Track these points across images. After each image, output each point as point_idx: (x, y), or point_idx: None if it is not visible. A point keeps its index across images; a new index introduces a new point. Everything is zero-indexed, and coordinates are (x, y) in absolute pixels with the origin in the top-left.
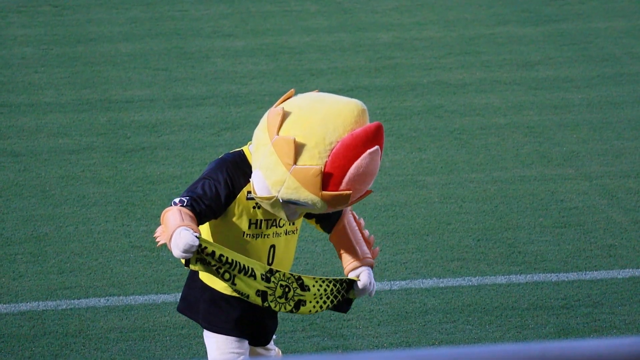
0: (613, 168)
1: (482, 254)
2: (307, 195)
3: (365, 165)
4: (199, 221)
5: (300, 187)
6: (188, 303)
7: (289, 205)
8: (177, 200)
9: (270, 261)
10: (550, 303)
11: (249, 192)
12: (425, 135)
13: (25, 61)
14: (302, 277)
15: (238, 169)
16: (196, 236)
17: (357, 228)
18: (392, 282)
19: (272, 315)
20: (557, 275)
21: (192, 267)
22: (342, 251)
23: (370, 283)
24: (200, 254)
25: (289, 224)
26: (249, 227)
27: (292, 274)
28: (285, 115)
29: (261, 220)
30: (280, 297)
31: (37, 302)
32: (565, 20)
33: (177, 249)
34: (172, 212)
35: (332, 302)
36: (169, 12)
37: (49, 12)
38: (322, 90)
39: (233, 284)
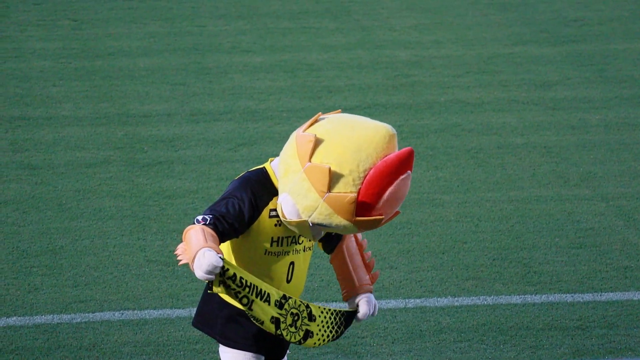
0: (630, 189)
1: (498, 273)
2: (340, 221)
3: (397, 191)
4: (221, 240)
5: (334, 213)
6: (204, 318)
7: (317, 226)
8: (200, 218)
9: (289, 278)
10: (565, 324)
11: (272, 210)
12: (442, 154)
13: (43, 74)
14: (311, 306)
15: (262, 188)
16: (220, 257)
17: (357, 251)
18: (407, 300)
19: None
20: (572, 296)
21: (215, 289)
22: (340, 277)
23: (369, 310)
24: (222, 277)
25: (307, 241)
26: (271, 245)
27: (302, 302)
28: (317, 143)
29: (282, 238)
30: (290, 326)
31: (52, 315)
32: (584, 41)
33: (200, 270)
34: (194, 230)
35: (335, 334)
36: (188, 27)
37: (67, 26)
38: (341, 108)
39: (250, 309)
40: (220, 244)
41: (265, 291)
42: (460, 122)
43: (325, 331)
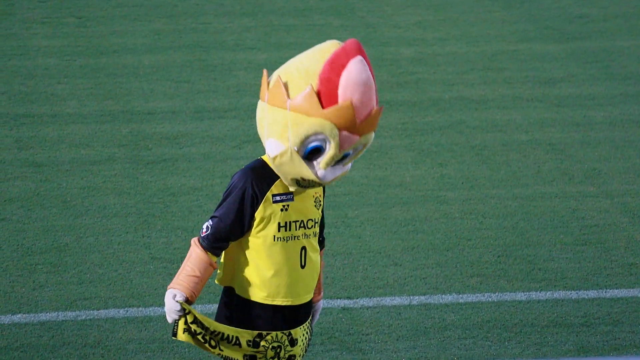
0: (635, 186)
1: (502, 270)
2: (312, 122)
3: (354, 73)
4: (226, 245)
5: (302, 116)
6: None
7: (309, 160)
8: (203, 229)
9: (303, 263)
10: (570, 320)
11: (275, 195)
12: (447, 151)
13: (48, 72)
14: (292, 332)
15: (262, 175)
16: (178, 301)
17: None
18: (411, 297)
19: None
20: (577, 293)
21: (179, 337)
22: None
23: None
24: (186, 325)
25: (316, 226)
26: (279, 230)
27: (283, 333)
28: (267, 77)
29: (290, 222)
30: (272, 358)
31: (56, 313)
32: (589, 38)
33: (167, 316)
34: (188, 255)
35: (307, 345)
36: (192, 24)
37: (72, 24)
38: None
39: (220, 349)
40: (229, 245)
41: (232, 336)
42: (465, 119)
43: (303, 348)
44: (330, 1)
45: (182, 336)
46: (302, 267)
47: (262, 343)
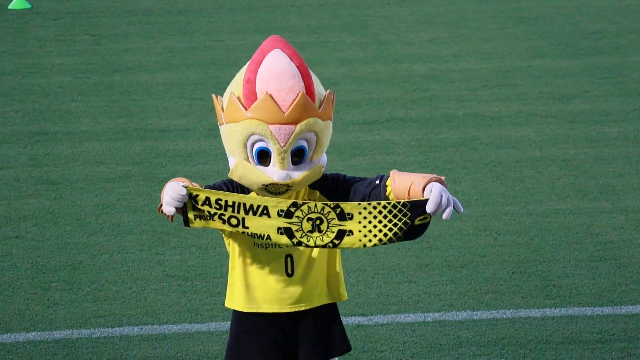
0: None
1: (517, 286)
2: (241, 126)
3: (267, 65)
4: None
5: (232, 125)
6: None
7: (265, 165)
8: None
9: (289, 272)
10: (585, 337)
11: None
12: (461, 168)
13: (62, 89)
14: (341, 204)
15: (237, 185)
16: (183, 185)
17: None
18: (425, 314)
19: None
20: (592, 309)
21: (192, 225)
22: (400, 190)
23: (439, 197)
24: (194, 210)
25: (330, 245)
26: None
27: (326, 203)
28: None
29: None
30: (311, 232)
31: (71, 330)
32: (602, 54)
33: (167, 206)
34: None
35: (395, 230)
36: (206, 42)
37: (86, 41)
38: (356, 122)
39: (245, 227)
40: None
41: (258, 205)
42: (479, 135)
43: (376, 227)
44: (343, 18)
45: (195, 223)
46: (289, 275)
47: (297, 213)
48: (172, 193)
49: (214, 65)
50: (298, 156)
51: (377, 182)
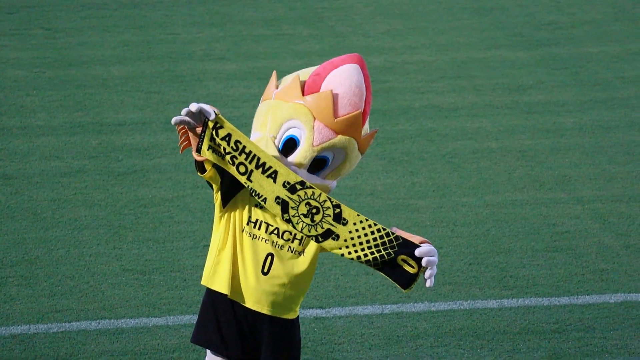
0: (605, 192)
1: (474, 277)
2: (290, 106)
3: (343, 72)
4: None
5: (282, 102)
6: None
7: (284, 155)
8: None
9: (265, 270)
10: (542, 327)
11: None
12: (418, 159)
13: (17, 84)
14: (342, 207)
15: None
16: (214, 112)
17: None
18: (383, 306)
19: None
20: (549, 300)
21: (203, 154)
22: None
23: (431, 252)
24: (212, 141)
25: (298, 244)
26: (247, 224)
27: (329, 198)
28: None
29: (260, 222)
30: (304, 216)
31: (28, 326)
32: (558, 45)
33: (195, 104)
34: None
35: (378, 256)
36: (161, 35)
37: (41, 36)
38: None
39: (249, 179)
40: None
41: (270, 166)
42: (435, 127)
43: (361, 244)
44: (299, 11)
45: (206, 153)
46: (264, 273)
47: (300, 192)
48: (204, 106)
49: (169, 59)
50: (318, 166)
51: None
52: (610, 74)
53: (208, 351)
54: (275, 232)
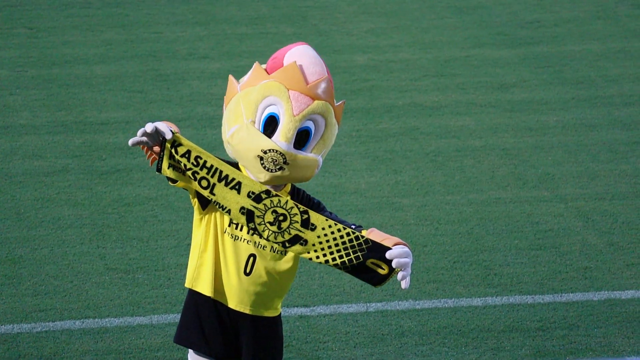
0: (588, 190)
1: (458, 276)
2: (260, 86)
3: (298, 48)
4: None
5: (250, 88)
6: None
7: (267, 134)
8: None
9: (247, 270)
10: (526, 325)
11: None
12: (401, 157)
13: (0, 83)
14: (310, 213)
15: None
16: (171, 131)
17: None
18: (367, 304)
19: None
20: (532, 298)
21: (163, 172)
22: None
23: (404, 254)
24: (171, 159)
25: (279, 245)
26: (229, 225)
27: (297, 205)
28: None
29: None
30: (271, 224)
31: (11, 325)
32: (540, 43)
33: (153, 125)
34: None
35: (345, 260)
36: (144, 34)
37: (23, 34)
38: None
39: (212, 193)
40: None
41: (233, 178)
42: (419, 125)
43: (330, 247)
44: (282, 9)
45: (167, 171)
46: (247, 274)
47: (266, 201)
48: (159, 124)
49: (153, 58)
50: (302, 140)
51: (353, 227)
52: (593, 72)
53: (190, 351)
54: (257, 232)
